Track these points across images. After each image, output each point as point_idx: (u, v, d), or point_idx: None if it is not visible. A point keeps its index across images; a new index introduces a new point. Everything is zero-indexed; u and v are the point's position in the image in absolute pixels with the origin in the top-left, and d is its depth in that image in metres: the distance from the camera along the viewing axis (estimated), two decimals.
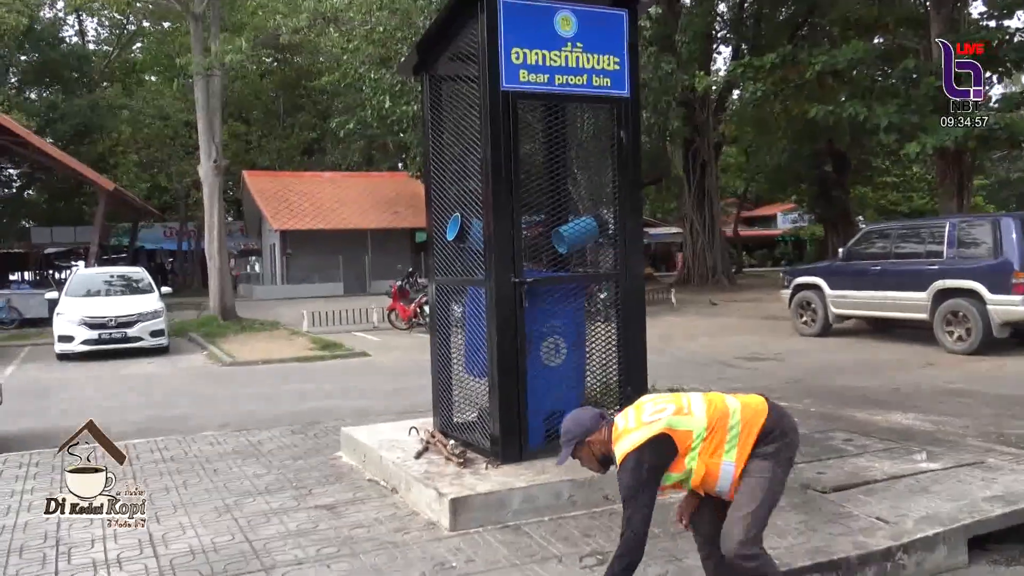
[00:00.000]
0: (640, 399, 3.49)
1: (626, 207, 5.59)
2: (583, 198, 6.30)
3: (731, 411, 3.36)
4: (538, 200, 5.64)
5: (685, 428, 3.30)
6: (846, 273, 14.24)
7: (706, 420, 3.32)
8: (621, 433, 3.35)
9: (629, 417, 3.38)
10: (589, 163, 6.17)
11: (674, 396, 3.45)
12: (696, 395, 3.47)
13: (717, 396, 3.44)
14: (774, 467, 3.28)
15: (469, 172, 5.65)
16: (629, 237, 5.59)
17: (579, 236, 5.60)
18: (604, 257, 5.93)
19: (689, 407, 3.36)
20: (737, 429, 3.32)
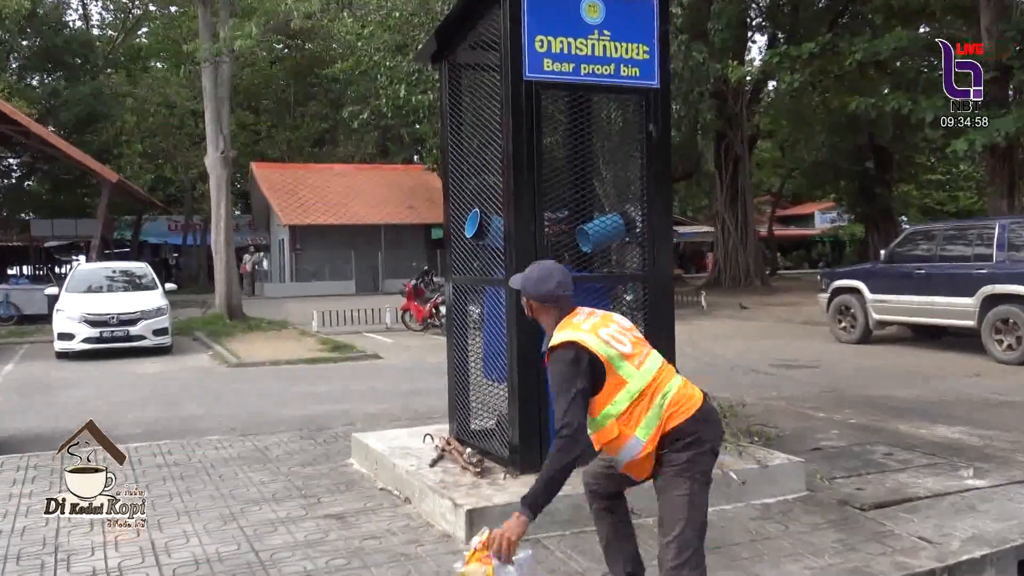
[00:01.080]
0: (615, 316, 3.53)
1: (654, 204, 5.58)
2: (609, 194, 6.29)
3: (668, 388, 3.35)
4: (561, 196, 5.64)
5: (623, 376, 3.32)
6: (888, 276, 14.12)
7: (645, 384, 3.33)
8: (569, 324, 3.42)
9: (591, 318, 3.44)
10: (616, 157, 6.16)
11: (640, 340, 3.46)
12: (657, 356, 3.46)
13: (669, 368, 3.45)
14: (691, 485, 3.27)
15: (489, 165, 5.65)
16: (657, 236, 5.58)
17: (604, 234, 5.59)
18: (630, 257, 5.92)
19: (643, 360, 3.37)
20: (661, 410, 3.31)
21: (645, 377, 3.34)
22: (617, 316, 3.55)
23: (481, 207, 5.69)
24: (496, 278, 5.62)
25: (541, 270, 3.61)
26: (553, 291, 3.53)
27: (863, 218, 35.76)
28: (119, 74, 41.52)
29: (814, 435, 7.33)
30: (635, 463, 3.36)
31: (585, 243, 5.57)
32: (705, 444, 3.31)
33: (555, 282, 3.54)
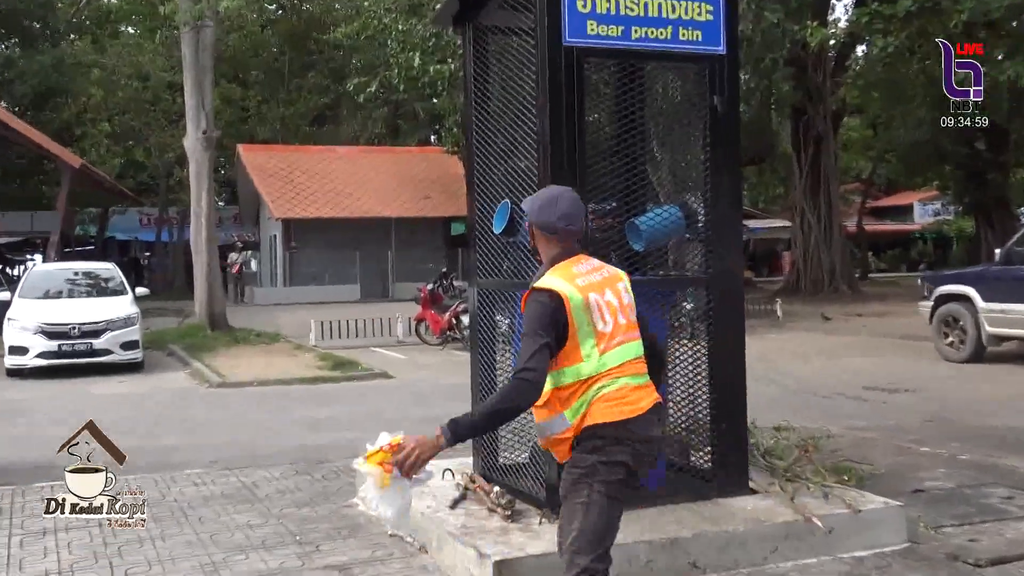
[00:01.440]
0: (622, 283, 3.76)
1: (720, 193, 5.57)
2: (665, 182, 6.28)
3: (612, 383, 3.58)
4: (608, 184, 5.65)
5: (582, 353, 3.59)
6: (1005, 281, 13.93)
7: (595, 372, 3.57)
8: (567, 271, 3.68)
9: (592, 275, 3.69)
10: (673, 138, 6.15)
11: (625, 326, 3.67)
12: (630, 349, 3.66)
13: (637, 366, 3.67)
14: (589, 493, 3.54)
15: (521, 147, 5.66)
16: (723, 231, 5.57)
17: (660, 230, 5.58)
18: (691, 257, 5.92)
19: (609, 347, 3.60)
20: (589, 400, 3.57)
21: (599, 367, 3.60)
22: (624, 284, 3.78)
23: (512, 198, 5.69)
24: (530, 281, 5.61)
25: (549, 193, 3.85)
26: (552, 222, 3.75)
27: (973, 210, 35.30)
28: (84, 40, 42.19)
29: (916, 474, 7.25)
30: (556, 441, 3.67)
31: (636, 240, 5.56)
32: (618, 456, 3.55)
33: (558, 213, 3.74)
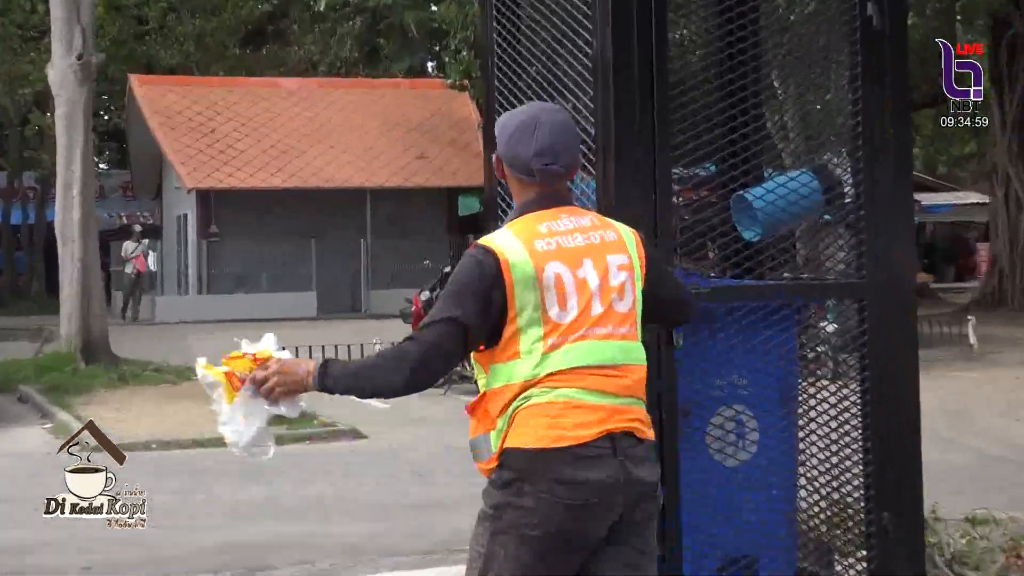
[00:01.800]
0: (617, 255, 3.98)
1: (878, 152, 5.56)
2: (792, 135, 6.27)
3: (547, 392, 3.80)
4: (703, 137, 5.64)
5: (519, 347, 3.85)
6: None
7: (533, 377, 3.81)
8: (531, 228, 3.93)
9: (571, 237, 3.93)
10: (803, 67, 6.14)
11: (602, 317, 3.88)
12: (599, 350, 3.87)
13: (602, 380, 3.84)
14: (491, 540, 3.86)
15: (568, 80, 5.66)
16: (884, 211, 5.57)
17: (784, 209, 5.59)
18: (832, 251, 5.96)
19: (560, 344, 3.82)
20: (519, 406, 3.83)
21: (537, 369, 3.83)
22: (624, 256, 4.00)
23: None
24: None
25: (525, 115, 4.11)
26: (526, 160, 3.99)
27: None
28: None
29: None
30: (484, 470, 3.97)
31: (748, 224, 5.59)
32: (525, 501, 3.78)
33: (536, 146, 3.98)
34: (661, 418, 5.22)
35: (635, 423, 3.87)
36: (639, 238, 4.08)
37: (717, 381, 5.47)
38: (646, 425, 3.97)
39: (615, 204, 5.20)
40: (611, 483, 3.77)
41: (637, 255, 4.01)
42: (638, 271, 4.00)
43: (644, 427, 3.94)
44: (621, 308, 3.90)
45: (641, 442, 3.90)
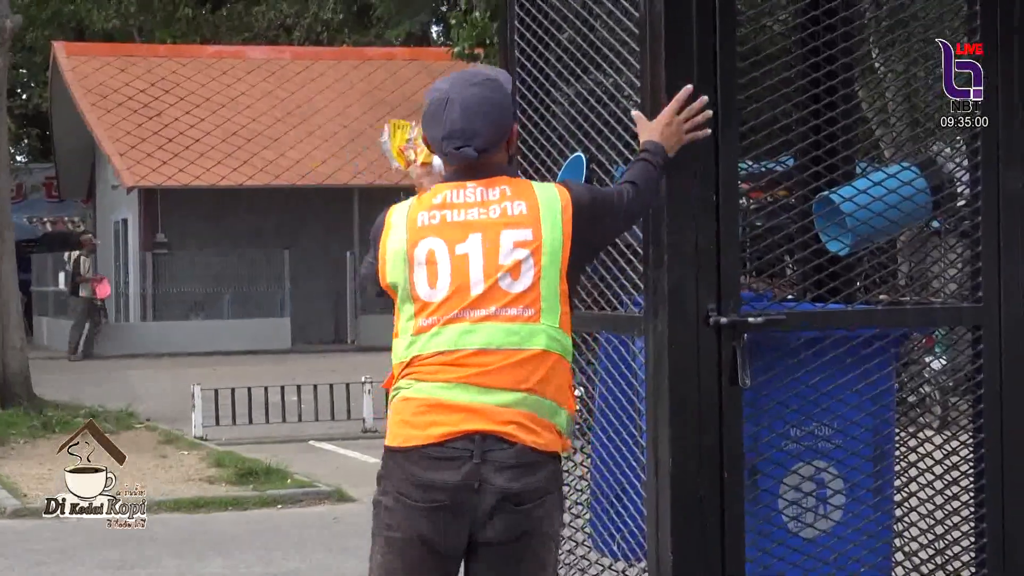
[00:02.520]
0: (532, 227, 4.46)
1: (1003, 142, 5.58)
2: (892, 120, 6.27)
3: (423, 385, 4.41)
4: (778, 124, 5.68)
5: (400, 323, 4.53)
6: None
7: (407, 359, 4.46)
8: (424, 198, 4.60)
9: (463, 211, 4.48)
10: (905, 38, 6.15)
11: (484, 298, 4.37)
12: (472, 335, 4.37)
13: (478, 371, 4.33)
14: (373, 542, 4.50)
15: (605, 51, 5.70)
16: (1008, 217, 5.57)
17: (882, 212, 5.61)
18: (941, 266, 5.98)
19: (430, 327, 4.41)
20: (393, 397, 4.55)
21: (408, 351, 4.45)
22: (530, 231, 4.43)
23: (589, 149, 5.77)
24: (623, 315, 5.70)
25: (441, 85, 4.67)
26: (431, 134, 4.64)
27: None
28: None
29: None
30: None
31: (836, 232, 5.64)
32: (386, 500, 4.41)
33: (445, 127, 4.51)
34: (722, 475, 5.25)
35: (508, 426, 4.27)
36: (570, 204, 4.47)
37: (793, 431, 5.49)
38: (526, 428, 4.33)
39: (666, 206, 5.24)
40: (463, 487, 4.24)
41: (553, 227, 4.41)
42: (552, 245, 4.39)
43: (520, 431, 4.31)
44: (513, 288, 4.32)
45: (512, 446, 4.28)
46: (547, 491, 4.41)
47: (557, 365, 4.41)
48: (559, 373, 4.45)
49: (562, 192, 4.52)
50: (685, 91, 4.89)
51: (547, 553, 4.50)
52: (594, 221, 4.55)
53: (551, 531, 4.51)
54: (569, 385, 4.59)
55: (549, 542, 4.51)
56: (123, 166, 34.93)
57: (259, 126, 36.85)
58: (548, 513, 4.44)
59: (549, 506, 4.44)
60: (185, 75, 38.64)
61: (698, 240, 5.22)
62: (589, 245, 4.63)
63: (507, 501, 4.27)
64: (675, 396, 5.23)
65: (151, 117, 36.61)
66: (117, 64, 38.75)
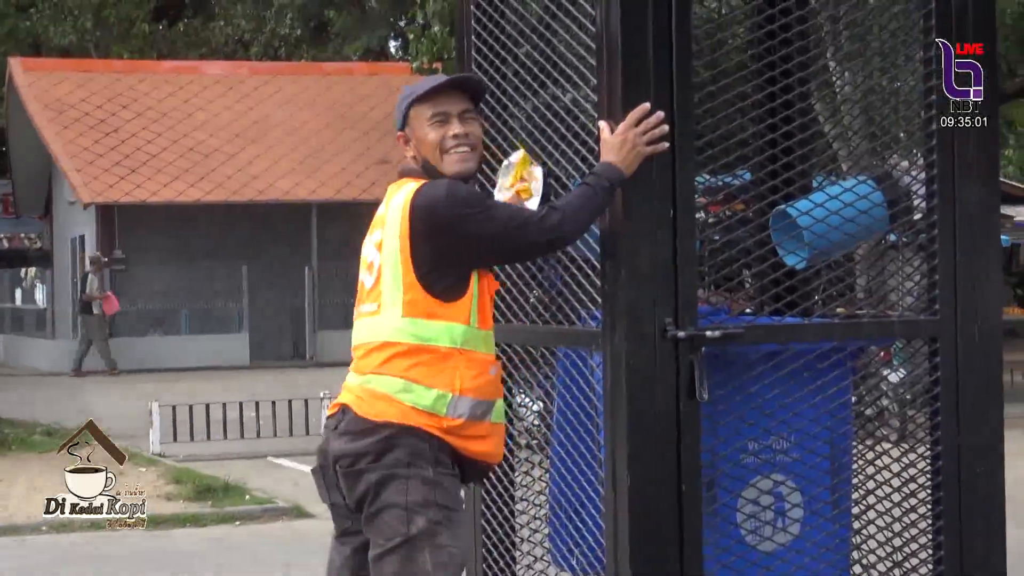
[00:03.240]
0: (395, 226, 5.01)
1: (958, 155, 5.61)
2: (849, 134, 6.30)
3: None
4: (735, 138, 5.70)
5: None
6: None
7: None
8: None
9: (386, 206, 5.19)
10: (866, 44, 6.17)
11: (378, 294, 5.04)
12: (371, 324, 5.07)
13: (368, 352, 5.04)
14: None
15: (562, 66, 5.71)
16: (965, 230, 5.60)
17: (838, 226, 5.62)
18: (898, 279, 5.97)
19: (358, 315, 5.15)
20: None
21: None
22: (392, 229, 4.97)
23: (547, 163, 5.76)
24: (581, 329, 5.71)
25: None
26: (401, 102, 5.28)
27: None
28: None
29: None
30: None
31: (793, 246, 5.66)
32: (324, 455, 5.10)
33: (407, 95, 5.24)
34: (680, 489, 5.26)
35: (353, 399, 4.94)
36: (413, 200, 4.94)
37: (751, 445, 5.51)
38: (361, 400, 4.94)
39: (624, 221, 5.26)
40: (322, 450, 5.05)
41: (393, 226, 4.96)
42: (391, 244, 4.93)
43: (355, 403, 4.95)
44: (367, 285, 5.05)
45: (347, 413, 4.95)
46: (374, 460, 4.85)
47: (406, 351, 4.90)
48: (410, 357, 4.90)
49: (410, 193, 4.99)
50: (641, 108, 5.02)
51: (400, 524, 4.81)
52: (451, 227, 4.90)
53: (401, 501, 4.82)
54: (441, 366, 4.92)
55: (402, 513, 4.82)
56: (80, 182, 34.78)
57: (217, 141, 36.74)
58: (384, 485, 4.83)
59: (384, 478, 4.83)
60: (142, 91, 38.51)
61: (655, 254, 5.23)
62: (450, 247, 4.93)
63: (338, 463, 4.94)
64: (633, 410, 5.23)
65: (108, 133, 36.46)
66: (74, 80, 38.61)
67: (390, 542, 4.80)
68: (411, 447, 4.85)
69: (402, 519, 4.80)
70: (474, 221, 4.89)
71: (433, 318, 4.90)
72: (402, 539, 4.79)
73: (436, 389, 4.88)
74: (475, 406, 4.98)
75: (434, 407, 4.86)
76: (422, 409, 4.86)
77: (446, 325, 4.92)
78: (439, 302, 4.90)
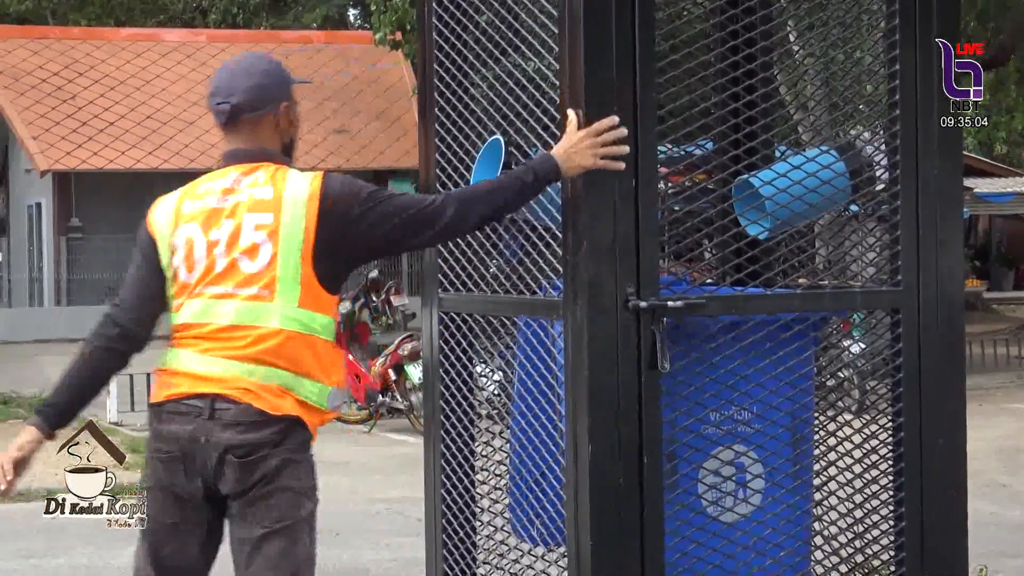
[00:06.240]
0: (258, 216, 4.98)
1: (920, 126, 5.62)
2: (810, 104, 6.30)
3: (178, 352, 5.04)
4: (697, 108, 5.69)
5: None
6: None
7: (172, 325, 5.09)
8: (192, 185, 5.29)
9: (225, 199, 5.04)
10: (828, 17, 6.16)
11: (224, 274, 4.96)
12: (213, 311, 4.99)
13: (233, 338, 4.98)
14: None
15: (525, 34, 5.69)
16: (926, 201, 5.61)
17: (800, 196, 5.63)
18: (859, 250, 5.99)
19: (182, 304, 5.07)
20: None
21: (170, 323, 5.07)
22: (259, 217, 4.94)
23: (508, 132, 5.75)
24: (542, 300, 5.70)
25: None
26: (208, 101, 5.30)
27: None
28: None
29: None
30: None
31: (754, 216, 5.65)
32: (148, 451, 5.16)
33: (211, 85, 5.29)
34: (641, 460, 5.26)
35: (235, 391, 4.83)
36: (318, 196, 4.91)
37: (712, 416, 5.50)
38: (252, 393, 4.86)
39: (585, 191, 5.24)
40: (192, 439, 4.85)
41: (294, 214, 4.89)
42: (290, 230, 4.88)
43: (245, 395, 4.85)
44: (248, 268, 4.89)
45: (237, 406, 4.84)
46: (274, 447, 4.87)
47: (297, 341, 4.91)
48: (300, 348, 4.93)
49: (314, 182, 4.94)
50: (609, 121, 5.01)
51: (291, 508, 4.96)
52: (353, 220, 4.94)
53: (296, 486, 4.96)
54: (323, 360, 5.02)
55: (295, 497, 4.98)
56: (36, 150, 34.70)
57: (174, 109, 36.65)
58: (281, 469, 4.91)
59: (282, 463, 4.90)
60: (99, 58, 38.36)
61: (617, 224, 5.22)
62: (348, 240, 4.97)
63: (230, 454, 4.83)
64: (594, 381, 5.22)
65: (65, 100, 36.34)
66: (30, 47, 38.44)
67: (279, 523, 4.92)
68: (301, 436, 5.01)
69: (294, 503, 4.97)
70: (374, 214, 4.96)
71: (320, 311, 5.00)
72: (291, 521, 4.95)
73: (319, 383, 5.01)
74: (338, 396, 5.22)
75: (319, 401, 5.02)
76: (311, 403, 5.00)
77: (328, 319, 5.06)
78: (328, 295, 5.03)
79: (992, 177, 45.71)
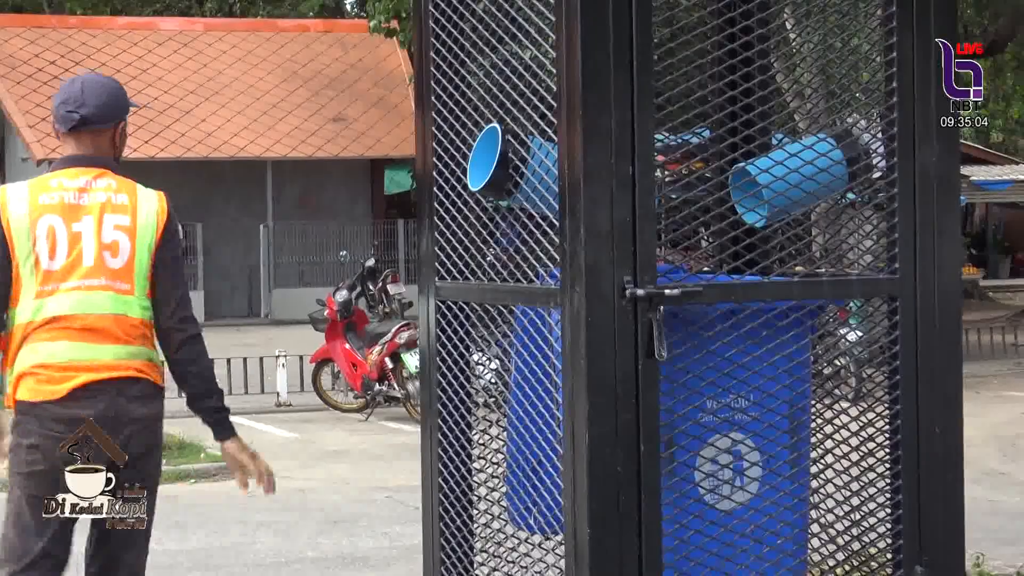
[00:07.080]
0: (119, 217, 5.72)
1: (917, 114, 5.61)
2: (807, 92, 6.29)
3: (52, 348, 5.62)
4: (694, 95, 5.66)
5: (21, 290, 5.55)
6: None
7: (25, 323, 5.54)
8: (44, 177, 5.75)
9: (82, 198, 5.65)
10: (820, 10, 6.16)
11: (94, 270, 5.61)
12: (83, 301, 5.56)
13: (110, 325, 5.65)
14: (11, 485, 5.75)
15: (521, 22, 5.67)
16: (923, 189, 5.61)
17: (797, 184, 5.62)
18: (856, 238, 5.98)
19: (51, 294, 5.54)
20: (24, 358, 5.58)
21: (36, 315, 5.49)
22: (118, 218, 5.63)
23: (505, 121, 5.74)
24: (540, 288, 5.69)
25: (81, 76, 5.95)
26: (55, 105, 5.82)
27: None
28: None
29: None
30: (7, 404, 5.59)
31: (751, 204, 5.64)
32: (30, 438, 5.56)
33: (64, 95, 5.82)
34: (639, 448, 5.25)
35: (129, 370, 5.60)
36: (166, 213, 5.80)
37: (710, 404, 5.48)
38: (144, 371, 5.69)
39: (583, 179, 5.22)
40: (103, 417, 5.53)
41: (148, 222, 5.71)
42: (145, 235, 5.67)
43: (140, 373, 5.65)
44: (113, 264, 5.54)
45: (139, 382, 5.65)
46: (162, 414, 5.90)
47: (150, 326, 5.78)
48: (150, 331, 5.79)
49: (162, 201, 5.85)
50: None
51: (159, 466, 6.19)
52: (167, 247, 5.80)
53: (161, 445, 6.12)
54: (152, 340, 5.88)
55: (160, 455, 6.19)
56: (33, 138, 34.73)
57: (171, 98, 36.61)
58: (161, 429, 5.99)
59: (161, 424, 5.95)
60: (96, 47, 38.32)
61: (614, 213, 5.21)
62: (159, 256, 5.76)
63: (134, 424, 5.67)
64: (592, 368, 5.22)
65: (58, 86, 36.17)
66: (27, 36, 38.42)
67: (151, 480, 6.00)
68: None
69: (159, 461, 6.17)
70: (170, 257, 5.88)
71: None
72: (159, 476, 6.13)
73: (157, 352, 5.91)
74: None
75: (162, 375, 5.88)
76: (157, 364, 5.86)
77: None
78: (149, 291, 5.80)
79: (989, 165, 45.74)
